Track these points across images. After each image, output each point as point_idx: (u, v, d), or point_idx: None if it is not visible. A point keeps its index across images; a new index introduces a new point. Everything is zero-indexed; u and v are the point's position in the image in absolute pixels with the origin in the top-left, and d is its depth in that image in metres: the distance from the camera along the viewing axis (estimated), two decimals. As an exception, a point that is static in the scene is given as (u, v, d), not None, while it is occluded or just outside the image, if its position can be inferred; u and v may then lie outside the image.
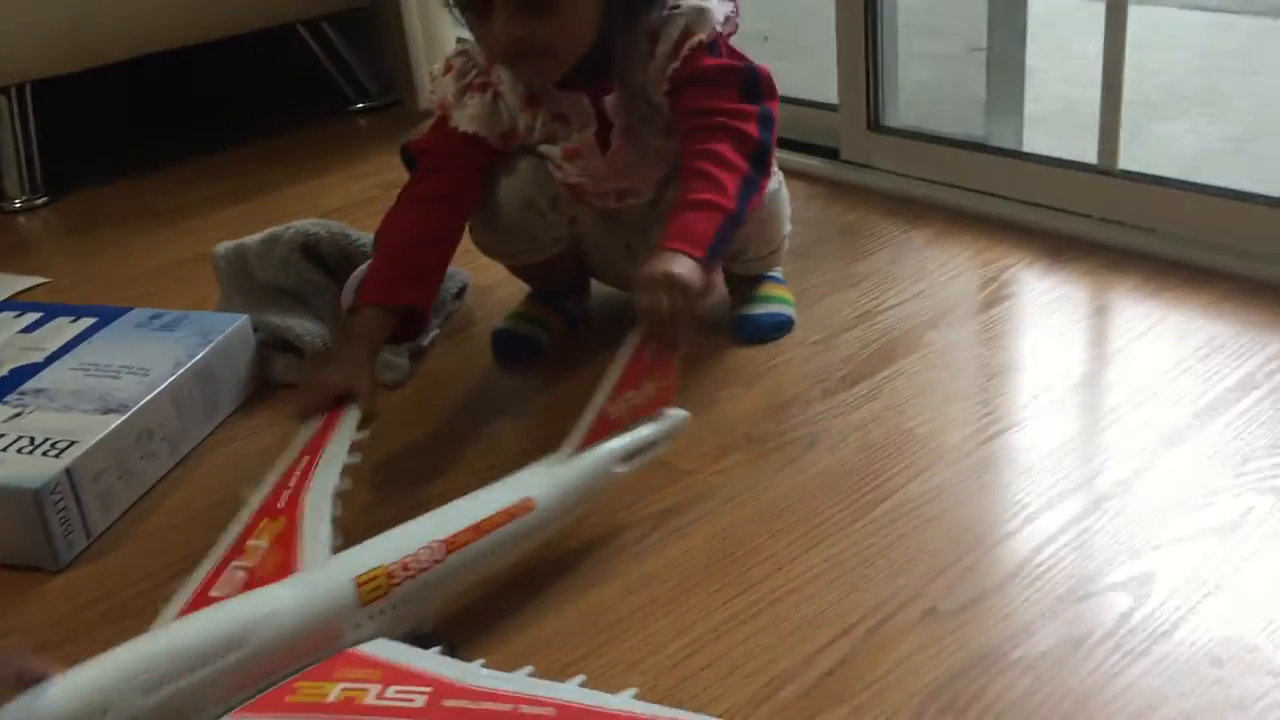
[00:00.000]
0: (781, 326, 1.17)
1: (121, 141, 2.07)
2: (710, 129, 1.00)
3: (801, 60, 2.01)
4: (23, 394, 1.02)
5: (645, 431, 0.89)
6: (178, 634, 0.67)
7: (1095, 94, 1.30)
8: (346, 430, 0.94)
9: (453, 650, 0.75)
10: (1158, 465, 0.92)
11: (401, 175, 1.16)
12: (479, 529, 0.78)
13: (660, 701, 0.73)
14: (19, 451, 0.94)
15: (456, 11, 1.01)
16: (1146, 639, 0.76)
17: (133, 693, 0.63)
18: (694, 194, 0.96)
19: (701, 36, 1.01)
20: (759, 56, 1.06)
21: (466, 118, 1.09)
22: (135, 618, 0.85)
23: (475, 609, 0.84)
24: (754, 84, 1.03)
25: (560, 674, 0.76)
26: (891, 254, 1.32)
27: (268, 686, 0.68)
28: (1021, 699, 0.72)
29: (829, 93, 1.59)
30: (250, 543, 0.82)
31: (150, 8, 1.77)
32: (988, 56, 1.53)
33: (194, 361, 1.07)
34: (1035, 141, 1.51)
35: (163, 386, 1.03)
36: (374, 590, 0.72)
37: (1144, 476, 0.91)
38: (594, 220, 1.15)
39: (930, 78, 1.87)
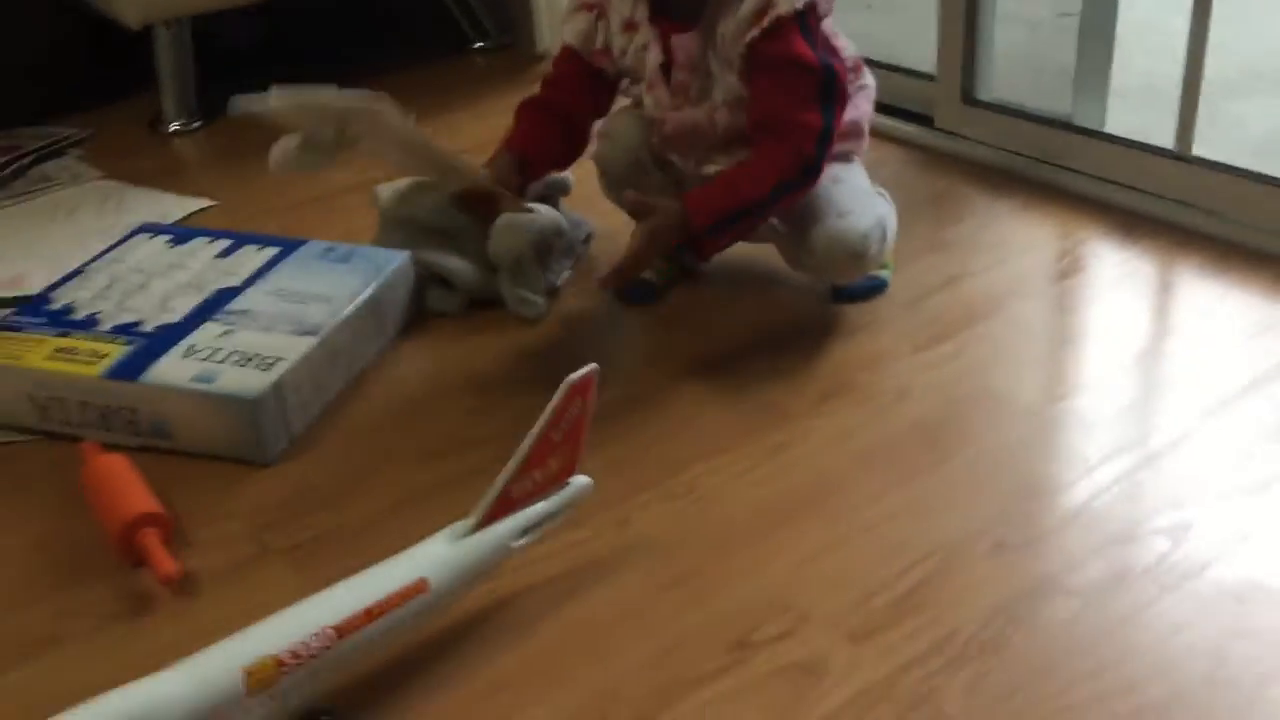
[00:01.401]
0: (875, 290, 1.31)
1: (263, 74, 2.21)
2: (776, 134, 1.11)
3: (898, 16, 2.12)
4: (229, 313, 1.20)
5: (546, 505, 0.90)
6: None
7: (1174, 69, 1.38)
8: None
9: None
10: (1205, 429, 1.07)
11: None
12: (370, 614, 0.78)
13: (779, 603, 0.89)
14: (235, 364, 1.11)
15: None
16: (1180, 576, 0.91)
17: None
18: (739, 168, 1.13)
19: (781, 11, 1.08)
20: (861, 23, 1.14)
21: (570, 31, 1.26)
22: (335, 504, 1.05)
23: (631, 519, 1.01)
24: (829, 88, 1.11)
25: (682, 581, 0.93)
26: (978, 222, 1.46)
27: None
28: (1071, 619, 0.88)
29: (916, 52, 1.69)
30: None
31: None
32: (1080, 25, 1.60)
33: (368, 292, 1.24)
34: (1115, 116, 1.61)
35: (345, 313, 1.20)
36: (263, 680, 0.74)
37: (1192, 439, 1.06)
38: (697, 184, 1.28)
39: (1018, 42, 1.96)
